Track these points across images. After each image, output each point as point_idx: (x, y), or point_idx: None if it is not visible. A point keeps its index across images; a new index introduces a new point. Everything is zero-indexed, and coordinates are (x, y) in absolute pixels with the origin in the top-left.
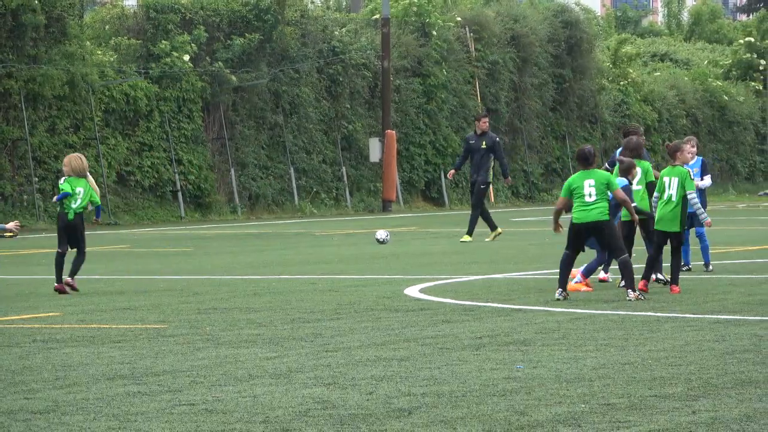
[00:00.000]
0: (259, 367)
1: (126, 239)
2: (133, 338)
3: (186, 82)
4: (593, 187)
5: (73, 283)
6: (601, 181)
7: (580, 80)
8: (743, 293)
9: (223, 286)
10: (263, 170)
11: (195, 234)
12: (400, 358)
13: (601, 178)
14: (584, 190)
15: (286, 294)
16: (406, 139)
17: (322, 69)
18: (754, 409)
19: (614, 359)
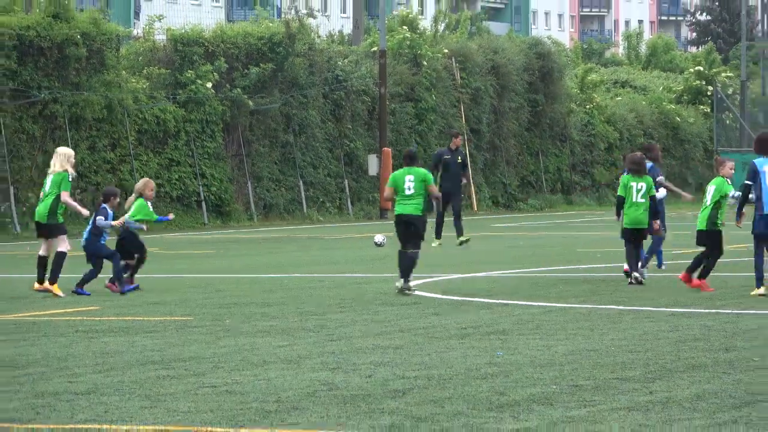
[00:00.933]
0: (273, 354)
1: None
2: (162, 329)
3: (209, 106)
4: (412, 182)
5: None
6: (420, 176)
7: (551, 104)
8: (694, 290)
9: (242, 283)
10: (276, 183)
11: (216, 238)
12: (396, 346)
13: (419, 175)
14: (404, 184)
15: (296, 290)
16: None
17: (327, 95)
18: (703, 389)
19: (582, 346)
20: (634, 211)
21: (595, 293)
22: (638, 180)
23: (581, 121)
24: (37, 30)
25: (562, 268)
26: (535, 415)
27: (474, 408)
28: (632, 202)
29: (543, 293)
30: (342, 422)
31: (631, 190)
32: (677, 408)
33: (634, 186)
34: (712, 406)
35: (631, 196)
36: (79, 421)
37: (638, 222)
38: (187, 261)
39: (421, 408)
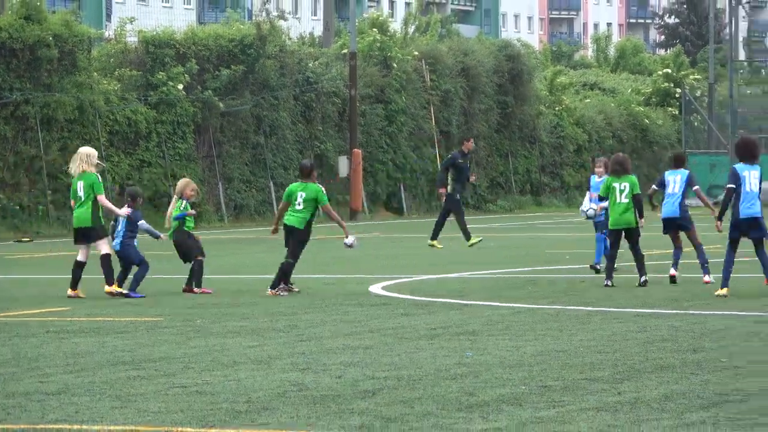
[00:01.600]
0: (243, 354)
1: None
2: (133, 329)
3: (180, 107)
4: (303, 198)
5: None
6: (311, 194)
7: (521, 106)
8: (662, 290)
9: (213, 284)
10: (246, 184)
11: None
12: (365, 346)
13: (311, 192)
14: (296, 199)
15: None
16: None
17: (298, 96)
18: (672, 390)
19: (550, 347)
20: (618, 212)
21: (564, 294)
22: (621, 180)
23: (550, 123)
24: (9, 32)
25: (531, 269)
26: (505, 415)
27: (443, 408)
28: (616, 203)
29: (512, 294)
30: (312, 422)
31: (614, 191)
32: (645, 408)
33: (617, 187)
34: (680, 407)
35: (615, 197)
36: (50, 421)
37: (625, 222)
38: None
39: (391, 408)
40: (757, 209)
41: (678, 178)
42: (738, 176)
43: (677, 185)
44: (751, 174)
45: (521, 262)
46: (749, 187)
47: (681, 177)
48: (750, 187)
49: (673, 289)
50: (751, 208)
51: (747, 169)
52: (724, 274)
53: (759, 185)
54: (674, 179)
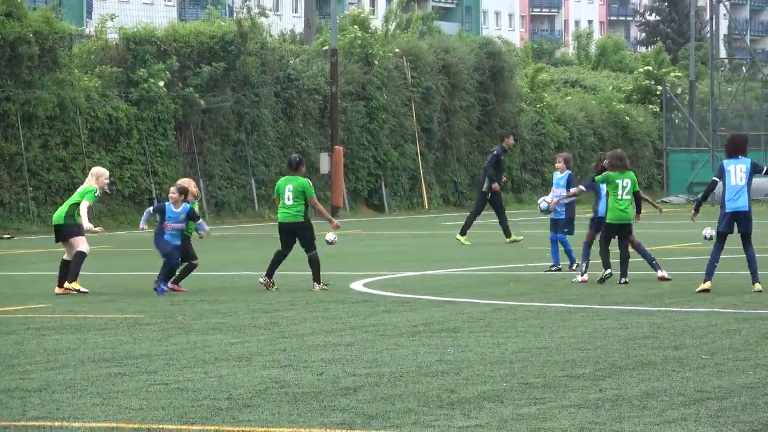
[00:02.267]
0: (224, 351)
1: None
2: (114, 326)
3: (161, 104)
4: (291, 192)
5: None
6: (299, 187)
7: (502, 103)
8: (643, 287)
9: (193, 281)
10: (228, 181)
11: None
12: (347, 343)
13: (299, 185)
14: (285, 194)
15: (247, 288)
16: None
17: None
18: (653, 387)
19: (531, 344)
20: (619, 207)
21: (545, 291)
22: (623, 177)
23: (531, 121)
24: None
25: (512, 266)
26: (486, 412)
27: (424, 405)
28: (617, 200)
29: (493, 291)
30: (293, 419)
31: (617, 187)
32: (627, 405)
33: (620, 183)
34: (662, 404)
35: (617, 194)
36: (31, 418)
37: (623, 218)
38: (138, 259)
39: (372, 405)
40: (744, 203)
41: (742, 167)
42: (723, 170)
43: (743, 176)
44: (737, 168)
45: (502, 259)
46: (734, 180)
47: (745, 166)
48: (735, 181)
49: (655, 286)
50: (737, 201)
51: (733, 163)
52: (708, 269)
53: (747, 178)
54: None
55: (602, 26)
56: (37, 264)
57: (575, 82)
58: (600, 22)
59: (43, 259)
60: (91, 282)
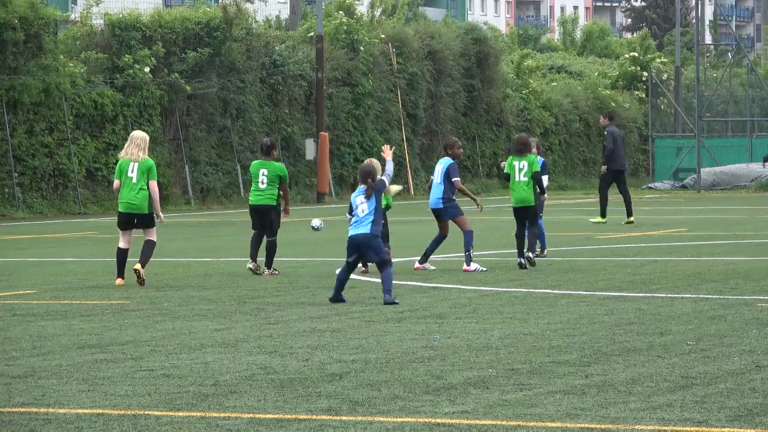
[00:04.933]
0: (210, 337)
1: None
2: (100, 312)
3: (146, 90)
4: (266, 176)
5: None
6: (275, 172)
7: (488, 89)
8: (629, 273)
9: (179, 267)
10: (213, 167)
11: None
12: (333, 329)
13: (275, 170)
14: (258, 178)
15: (233, 274)
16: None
17: (265, 79)
18: (638, 373)
19: (517, 330)
20: (518, 189)
21: (531, 277)
22: (520, 159)
23: (517, 107)
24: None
25: (498, 252)
26: (472, 398)
27: (411, 392)
28: (515, 182)
29: (479, 277)
30: (279, 406)
31: (513, 170)
32: (613, 391)
33: (516, 165)
34: (648, 390)
35: (514, 175)
36: (17, 405)
37: (523, 200)
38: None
39: (358, 392)
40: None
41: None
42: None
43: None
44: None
45: (488, 245)
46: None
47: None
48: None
49: (640, 272)
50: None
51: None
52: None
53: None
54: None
55: (588, 12)
56: (23, 250)
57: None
58: (585, 8)
59: (29, 245)
60: (78, 267)
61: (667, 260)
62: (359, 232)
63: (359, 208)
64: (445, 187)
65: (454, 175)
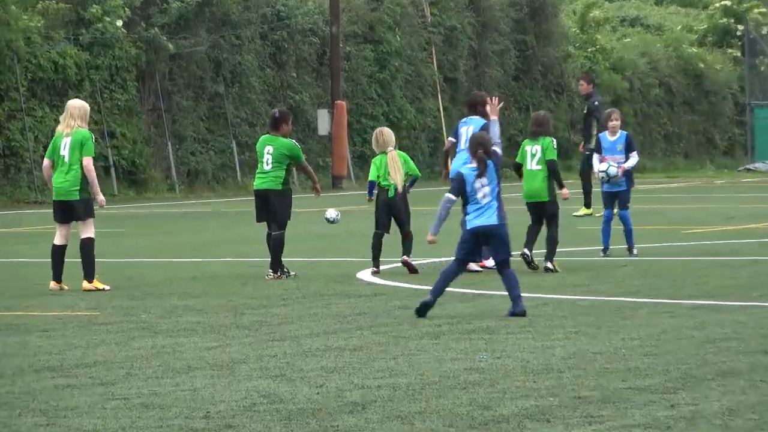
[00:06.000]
0: (200, 357)
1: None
2: (62, 327)
3: (119, 49)
4: (271, 154)
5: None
6: (280, 150)
7: (544, 47)
8: (724, 276)
9: (159, 269)
10: (203, 144)
11: (129, 213)
12: (353, 347)
13: (281, 147)
14: (263, 157)
15: (227, 278)
16: (357, 111)
17: (266, 35)
18: (737, 401)
19: (585, 348)
20: (529, 180)
21: (601, 281)
22: (533, 143)
23: (581, 68)
24: None
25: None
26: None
27: (451, 425)
28: (527, 170)
29: (536, 281)
30: None
31: (525, 156)
32: (705, 425)
33: (529, 150)
34: (750, 423)
35: (526, 163)
36: None
37: (535, 194)
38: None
39: (386, 425)
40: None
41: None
42: None
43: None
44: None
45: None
46: None
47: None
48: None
49: (738, 275)
50: None
51: None
52: None
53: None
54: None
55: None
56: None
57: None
58: None
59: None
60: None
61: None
62: (486, 222)
63: (479, 193)
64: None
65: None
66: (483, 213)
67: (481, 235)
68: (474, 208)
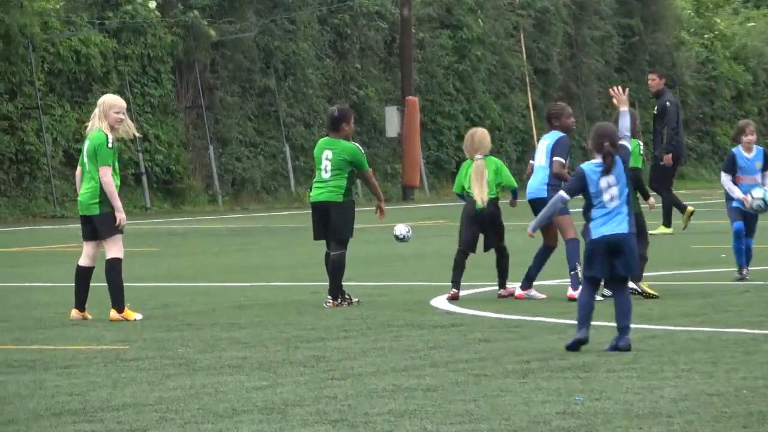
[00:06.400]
0: (246, 399)
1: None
2: (85, 363)
3: (152, 35)
4: (330, 160)
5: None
6: (341, 154)
7: (652, 33)
8: None
9: (199, 295)
10: (250, 148)
11: (163, 229)
12: (426, 387)
13: (342, 152)
14: (321, 164)
15: (279, 306)
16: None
17: (326, 19)
18: None
19: (699, 389)
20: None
21: (718, 310)
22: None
23: (697, 58)
24: None
25: (668, 274)
26: None
27: None
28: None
29: (641, 309)
30: None
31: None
32: None
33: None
34: None
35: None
36: None
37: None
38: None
39: None
40: None
41: None
42: None
43: None
44: None
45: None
46: None
47: None
48: None
49: None
50: None
51: None
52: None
53: None
54: None
55: None
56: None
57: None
58: None
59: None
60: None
61: None
62: (615, 231)
63: (606, 194)
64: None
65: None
66: (611, 219)
67: (615, 246)
68: (600, 213)
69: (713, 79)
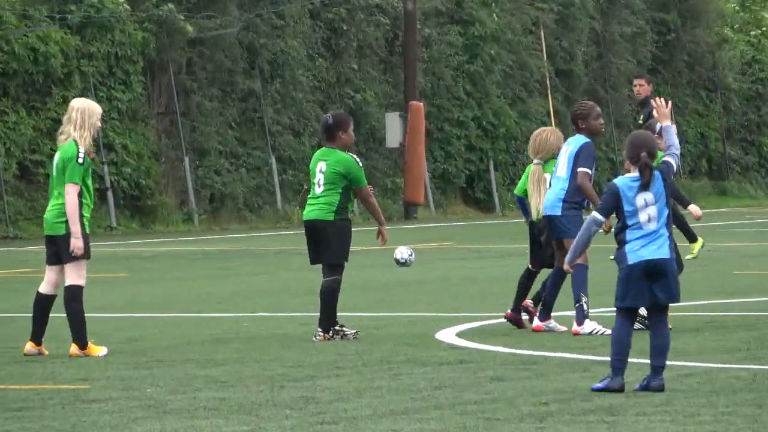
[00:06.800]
0: None
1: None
2: (40, 405)
3: (121, 32)
4: (323, 173)
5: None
6: (335, 167)
7: (691, 29)
8: None
9: (172, 327)
10: (231, 160)
11: (131, 252)
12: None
13: (336, 163)
14: (315, 177)
15: (262, 340)
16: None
17: (318, 13)
18: None
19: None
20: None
21: (764, 344)
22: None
23: (742, 58)
24: None
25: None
26: None
27: None
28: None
29: (676, 344)
30: None
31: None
32: None
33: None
34: None
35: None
36: None
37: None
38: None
39: None
40: None
41: None
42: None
43: None
44: None
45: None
46: None
47: None
48: None
49: None
50: None
51: None
52: None
53: None
54: None
55: None
56: None
57: None
58: None
59: None
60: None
61: None
62: (656, 255)
63: (642, 214)
64: (571, 183)
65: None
66: (652, 242)
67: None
68: (637, 234)
69: (760, 81)
